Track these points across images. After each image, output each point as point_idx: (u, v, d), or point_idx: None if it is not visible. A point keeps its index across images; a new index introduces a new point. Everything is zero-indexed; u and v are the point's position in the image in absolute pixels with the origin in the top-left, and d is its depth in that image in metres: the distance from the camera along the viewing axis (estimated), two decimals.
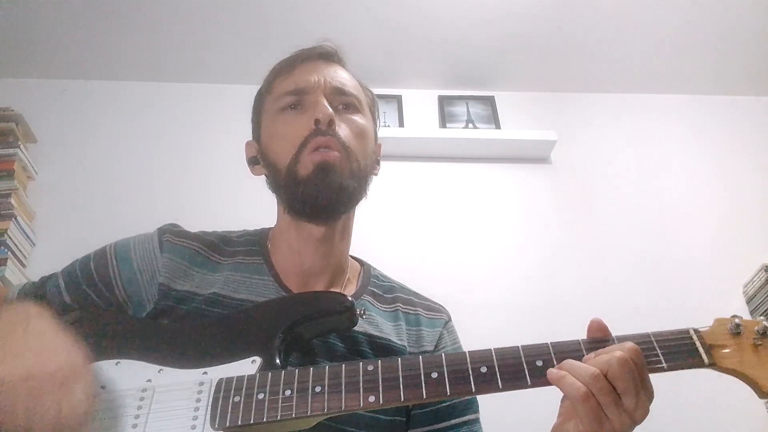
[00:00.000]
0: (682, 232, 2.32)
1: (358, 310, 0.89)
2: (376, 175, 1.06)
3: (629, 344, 0.74)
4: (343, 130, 0.97)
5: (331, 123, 0.95)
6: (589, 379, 0.71)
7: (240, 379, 0.78)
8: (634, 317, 1.29)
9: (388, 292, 1.07)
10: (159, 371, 0.82)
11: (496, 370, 0.76)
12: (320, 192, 0.93)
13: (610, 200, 2.39)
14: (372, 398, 0.75)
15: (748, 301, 2.14)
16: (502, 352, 0.77)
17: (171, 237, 1.00)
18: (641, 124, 2.59)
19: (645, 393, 0.73)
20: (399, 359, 0.78)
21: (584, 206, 2.37)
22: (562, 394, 0.78)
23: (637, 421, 0.72)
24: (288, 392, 0.76)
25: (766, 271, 2.07)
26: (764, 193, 2.42)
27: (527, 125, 2.50)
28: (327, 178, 0.93)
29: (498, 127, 2.50)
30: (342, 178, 0.94)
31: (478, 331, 1.24)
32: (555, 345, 0.78)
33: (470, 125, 2.51)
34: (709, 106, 2.63)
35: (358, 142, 0.99)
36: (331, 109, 0.96)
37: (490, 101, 2.58)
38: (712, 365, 0.76)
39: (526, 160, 2.46)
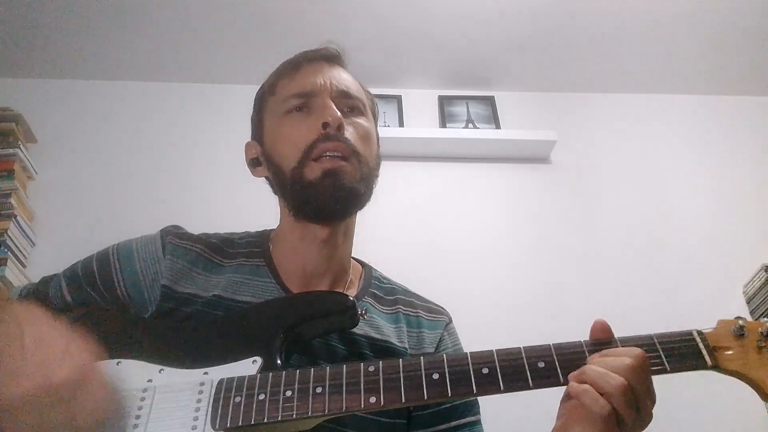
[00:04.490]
0: (682, 232, 2.32)
1: (359, 309, 0.88)
2: (377, 177, 1.05)
3: (638, 351, 0.73)
4: (350, 134, 0.97)
5: (340, 127, 0.95)
6: (616, 390, 0.70)
7: (241, 379, 0.78)
8: (634, 317, 1.29)
9: (389, 294, 1.07)
10: (160, 371, 0.81)
11: (498, 371, 0.75)
12: (330, 196, 0.93)
13: (610, 200, 2.39)
14: (373, 399, 0.74)
15: (748, 301, 2.14)
16: (503, 353, 0.77)
17: (174, 239, 1.00)
18: (641, 124, 2.59)
19: (650, 398, 0.73)
20: (400, 360, 0.78)
21: (584, 206, 2.37)
22: (561, 395, 0.78)
23: (644, 427, 0.73)
24: (289, 393, 0.76)
25: (766, 271, 2.07)
26: (764, 193, 2.42)
27: (527, 125, 2.50)
28: (337, 182, 0.92)
29: (498, 127, 2.50)
30: (352, 182, 0.94)
31: (478, 332, 1.24)
32: (557, 346, 0.77)
33: (470, 125, 2.51)
34: (709, 106, 2.63)
35: (364, 145, 0.99)
36: (339, 113, 0.96)
37: (490, 101, 2.58)
38: (716, 367, 0.76)
39: (526, 160, 2.46)
